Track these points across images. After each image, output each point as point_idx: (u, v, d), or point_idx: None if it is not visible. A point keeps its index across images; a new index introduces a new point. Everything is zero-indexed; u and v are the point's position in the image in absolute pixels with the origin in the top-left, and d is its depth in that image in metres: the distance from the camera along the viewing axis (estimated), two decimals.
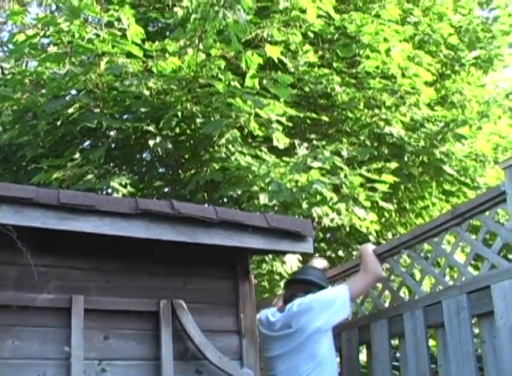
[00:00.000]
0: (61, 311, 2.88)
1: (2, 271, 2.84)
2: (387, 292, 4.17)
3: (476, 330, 3.49)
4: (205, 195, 6.16)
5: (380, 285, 4.15)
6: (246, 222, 3.15)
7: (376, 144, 6.56)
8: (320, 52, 6.77)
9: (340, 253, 6.85)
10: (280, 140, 5.62)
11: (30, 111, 6.10)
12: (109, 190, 5.61)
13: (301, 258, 5.61)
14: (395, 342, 4.02)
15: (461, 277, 3.44)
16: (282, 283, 6.14)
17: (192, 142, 6.08)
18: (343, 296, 3.54)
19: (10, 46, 7.07)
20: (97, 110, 5.71)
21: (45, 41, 6.36)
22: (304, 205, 5.15)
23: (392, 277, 4.20)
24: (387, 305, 4.12)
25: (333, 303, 3.49)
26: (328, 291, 3.64)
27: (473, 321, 3.31)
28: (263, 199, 5.13)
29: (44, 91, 5.88)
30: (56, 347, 2.84)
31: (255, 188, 5.25)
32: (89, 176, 5.52)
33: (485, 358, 3.18)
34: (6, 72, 8.73)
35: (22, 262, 2.74)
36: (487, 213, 3.34)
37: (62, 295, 2.90)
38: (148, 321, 3.07)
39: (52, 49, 5.97)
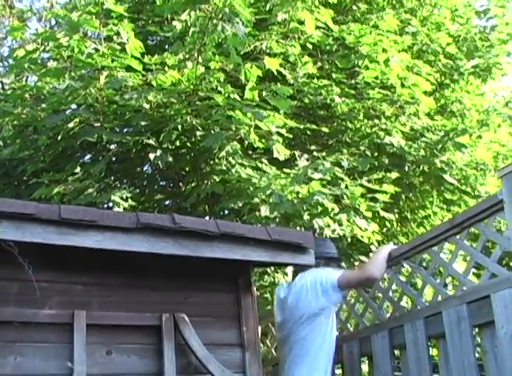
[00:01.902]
0: (63, 326, 2.87)
1: (4, 287, 2.84)
2: (387, 303, 4.16)
3: (477, 340, 3.47)
4: (206, 208, 6.17)
5: (380, 295, 4.15)
6: (247, 235, 3.15)
7: (376, 154, 6.57)
8: (319, 64, 6.80)
9: (343, 264, 6.84)
10: (280, 152, 5.62)
11: (30, 126, 6.11)
12: (110, 204, 5.61)
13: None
14: (397, 353, 4.01)
15: (461, 287, 3.43)
16: None
17: (192, 154, 6.08)
18: (331, 282, 3.66)
19: (10, 61, 7.09)
20: (97, 124, 5.72)
21: (45, 56, 6.39)
22: (306, 217, 5.14)
23: (393, 287, 4.19)
24: (387, 316, 4.11)
25: (321, 285, 3.66)
26: (322, 272, 3.75)
27: (474, 331, 3.30)
28: (264, 211, 5.13)
29: (44, 105, 5.89)
30: (59, 363, 2.83)
31: (256, 200, 5.25)
32: (90, 190, 5.51)
33: (487, 368, 3.17)
34: (6, 87, 8.76)
35: (23, 277, 2.74)
36: (485, 222, 3.34)
37: (64, 311, 2.90)
38: (150, 335, 3.07)
39: (51, 64, 6.01)
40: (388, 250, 3.86)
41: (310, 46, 6.57)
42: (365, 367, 4.30)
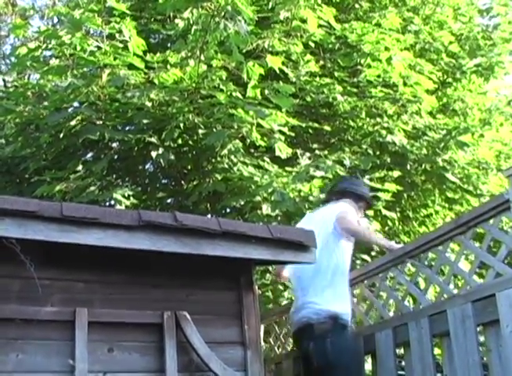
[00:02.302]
0: (65, 324, 2.86)
1: (6, 284, 2.82)
2: (391, 301, 4.15)
3: (482, 339, 3.46)
4: (208, 206, 6.16)
5: (384, 294, 4.14)
6: (249, 233, 3.14)
7: (378, 153, 6.57)
8: (321, 62, 6.79)
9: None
10: (282, 150, 5.62)
11: (32, 124, 6.13)
12: (112, 202, 5.61)
13: None
14: (400, 352, 4.00)
15: (466, 286, 3.42)
16: (286, 294, 6.15)
17: (194, 153, 6.09)
18: (345, 220, 4.00)
19: (13, 59, 7.10)
20: (99, 122, 5.73)
21: (47, 53, 6.39)
22: None
23: (397, 286, 4.19)
24: (391, 314, 4.10)
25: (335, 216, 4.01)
26: (343, 206, 4.11)
27: (478, 330, 3.29)
28: (266, 209, 5.13)
29: (46, 103, 5.90)
30: (60, 360, 2.82)
31: (258, 198, 5.25)
32: (92, 188, 5.52)
33: (491, 367, 3.15)
34: (9, 85, 8.76)
35: (25, 275, 2.73)
36: (491, 221, 3.33)
37: (65, 308, 2.88)
38: (152, 333, 3.05)
39: (54, 62, 6.00)
40: (390, 245, 4.05)
41: (312, 44, 6.56)
42: (368, 366, 4.29)
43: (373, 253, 6.23)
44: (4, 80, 9.79)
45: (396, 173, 6.13)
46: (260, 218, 5.19)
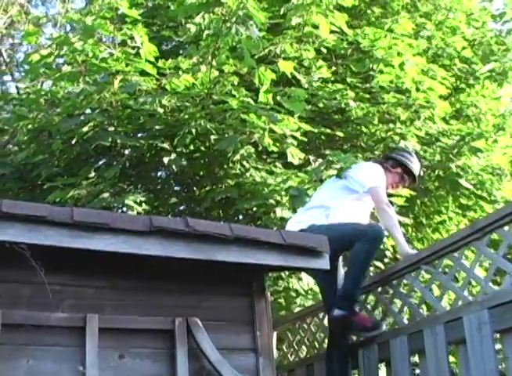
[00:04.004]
0: (75, 330, 2.84)
1: (16, 289, 2.81)
2: (406, 308, 4.10)
3: (498, 346, 3.40)
4: (220, 212, 6.14)
5: (399, 301, 4.09)
6: (261, 239, 3.11)
7: None
8: (334, 68, 6.78)
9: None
10: (295, 156, 5.59)
11: (45, 130, 6.13)
12: (124, 208, 5.60)
13: None
14: (415, 359, 3.95)
15: (482, 292, 3.36)
16: (298, 300, 6.10)
17: (206, 158, 6.07)
18: (360, 183, 4.17)
19: (26, 67, 7.13)
20: (111, 129, 5.73)
21: (60, 61, 6.41)
22: None
23: (411, 293, 4.13)
24: (406, 321, 4.04)
25: (353, 177, 4.20)
26: (370, 170, 4.27)
27: (495, 337, 3.24)
28: (280, 212, 5.10)
29: (58, 110, 5.91)
30: (71, 366, 2.80)
31: (271, 201, 5.22)
32: (104, 195, 5.51)
33: (508, 375, 3.10)
34: (22, 92, 8.81)
35: (36, 280, 2.71)
36: (506, 227, 3.28)
37: (76, 314, 2.87)
38: (163, 340, 3.03)
39: (66, 69, 6.01)
40: (403, 248, 4.00)
41: (324, 50, 6.55)
42: (382, 373, 4.23)
43: (386, 260, 6.18)
44: (17, 87, 9.85)
45: None
46: (273, 222, 5.16)
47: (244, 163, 5.66)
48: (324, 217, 4.06)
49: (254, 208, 5.46)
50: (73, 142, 5.76)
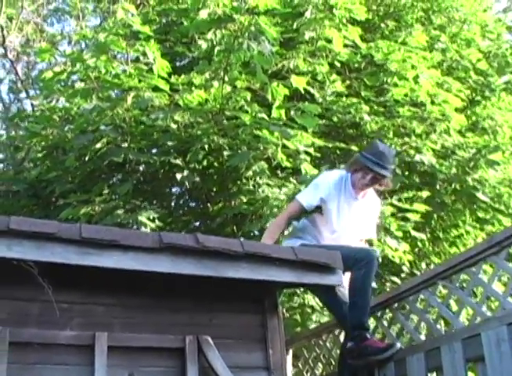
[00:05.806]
0: (84, 348, 2.81)
1: (24, 307, 2.79)
2: (423, 324, 4.01)
3: None
4: (234, 228, 6.10)
5: (415, 317, 4.01)
6: (272, 255, 3.06)
7: (407, 173, 6.46)
8: (347, 82, 6.74)
9: (373, 284, 6.69)
10: (308, 171, 5.54)
11: (58, 147, 6.16)
12: (137, 225, 5.58)
13: None
14: None
15: (501, 308, 3.28)
16: (314, 317, 6.02)
17: (219, 174, 6.04)
18: None
19: (40, 84, 7.18)
20: (124, 145, 5.72)
21: (74, 77, 6.45)
22: None
23: (428, 309, 4.05)
24: (423, 338, 3.96)
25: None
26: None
27: None
28: None
29: (72, 126, 5.92)
30: None
31: None
32: (118, 211, 5.49)
33: None
34: (36, 109, 8.87)
35: (44, 298, 2.68)
36: None
37: (85, 332, 2.83)
38: (173, 358, 2.98)
39: (79, 85, 6.04)
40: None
41: (338, 64, 6.52)
42: None
43: (402, 275, 6.09)
44: (32, 104, 9.93)
45: (425, 193, 6.01)
46: None
47: (257, 179, 5.62)
48: (311, 237, 4.04)
49: (268, 224, 5.40)
50: (87, 158, 5.76)
